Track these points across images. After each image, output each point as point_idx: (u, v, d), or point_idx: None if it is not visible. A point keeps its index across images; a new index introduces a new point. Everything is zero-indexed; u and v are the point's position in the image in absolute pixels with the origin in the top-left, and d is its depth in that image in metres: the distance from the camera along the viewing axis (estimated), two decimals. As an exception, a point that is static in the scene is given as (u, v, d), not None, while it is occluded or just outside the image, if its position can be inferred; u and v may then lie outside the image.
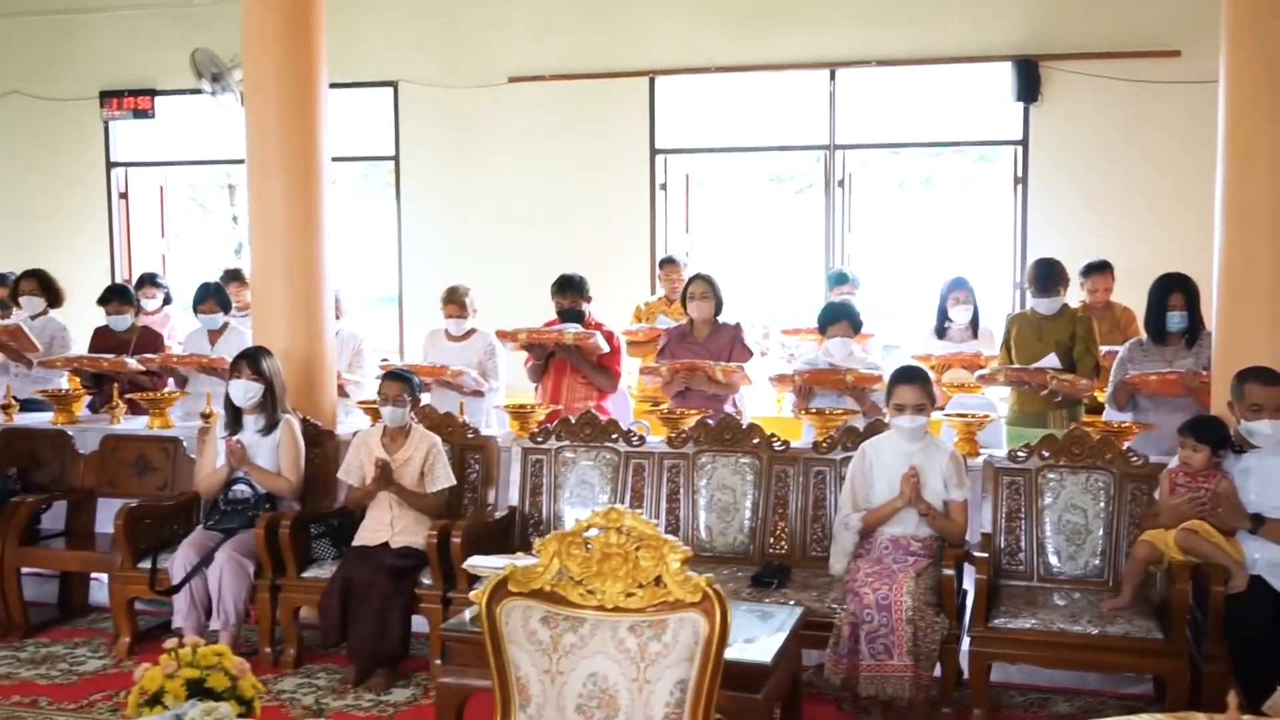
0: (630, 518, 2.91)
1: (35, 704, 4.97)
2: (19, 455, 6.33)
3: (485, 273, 8.52)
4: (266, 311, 6.17)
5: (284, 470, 5.57)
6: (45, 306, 7.48)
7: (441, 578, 5.17)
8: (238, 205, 11.52)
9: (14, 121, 10.05)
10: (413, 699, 5.01)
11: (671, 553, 2.88)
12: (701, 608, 2.83)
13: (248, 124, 6.18)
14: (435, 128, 9.47)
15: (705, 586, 2.84)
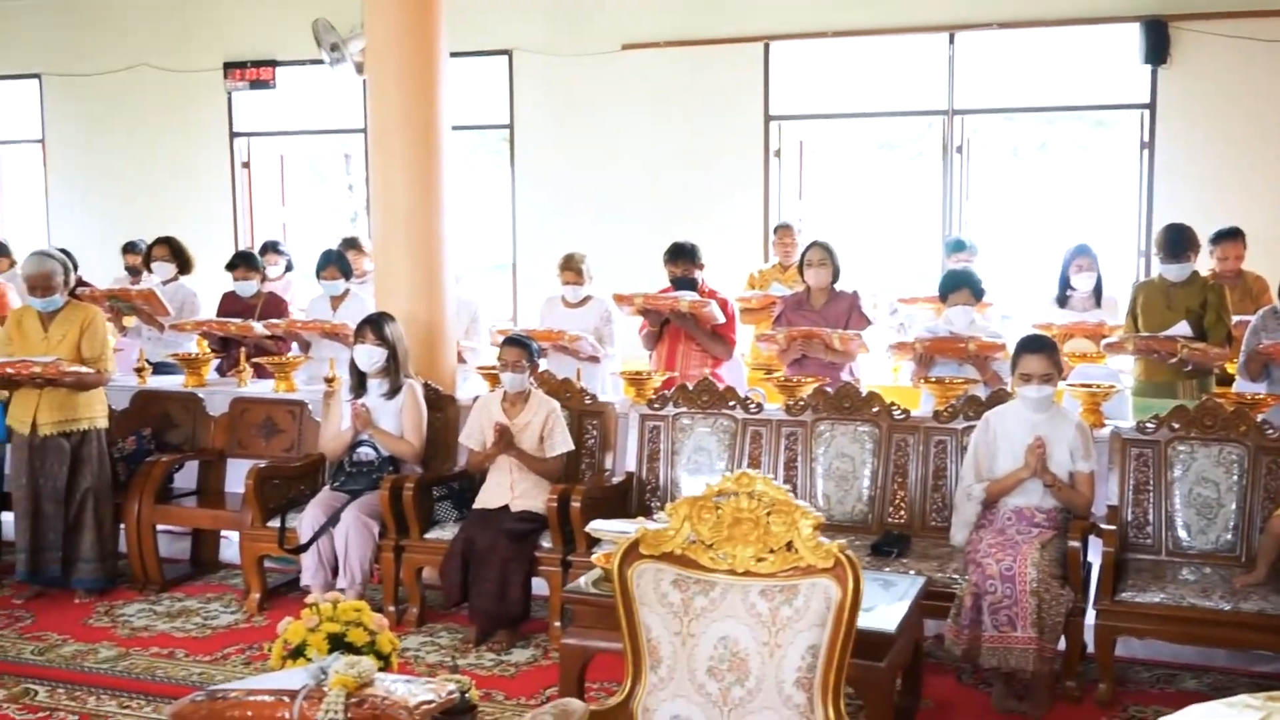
0: (762, 482, 2.92)
1: (172, 655, 5.16)
2: (153, 416, 6.55)
3: (599, 240, 8.56)
4: (388, 278, 6.29)
5: (407, 434, 5.67)
6: (176, 272, 7.72)
7: (561, 541, 5.24)
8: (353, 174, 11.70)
9: (142, 93, 10.33)
10: (533, 659, 5.09)
11: (803, 518, 2.88)
12: (834, 573, 2.84)
13: (370, 93, 6.28)
14: (549, 95, 9.52)
15: (838, 552, 2.84)
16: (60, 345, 5.76)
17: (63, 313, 5.86)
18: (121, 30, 10.35)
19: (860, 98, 9.36)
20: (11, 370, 5.61)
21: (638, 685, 2.95)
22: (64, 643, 5.30)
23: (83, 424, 5.84)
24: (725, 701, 2.86)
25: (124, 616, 5.65)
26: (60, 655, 5.15)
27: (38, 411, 5.74)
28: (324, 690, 2.69)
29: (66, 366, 5.64)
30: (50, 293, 5.81)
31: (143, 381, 6.83)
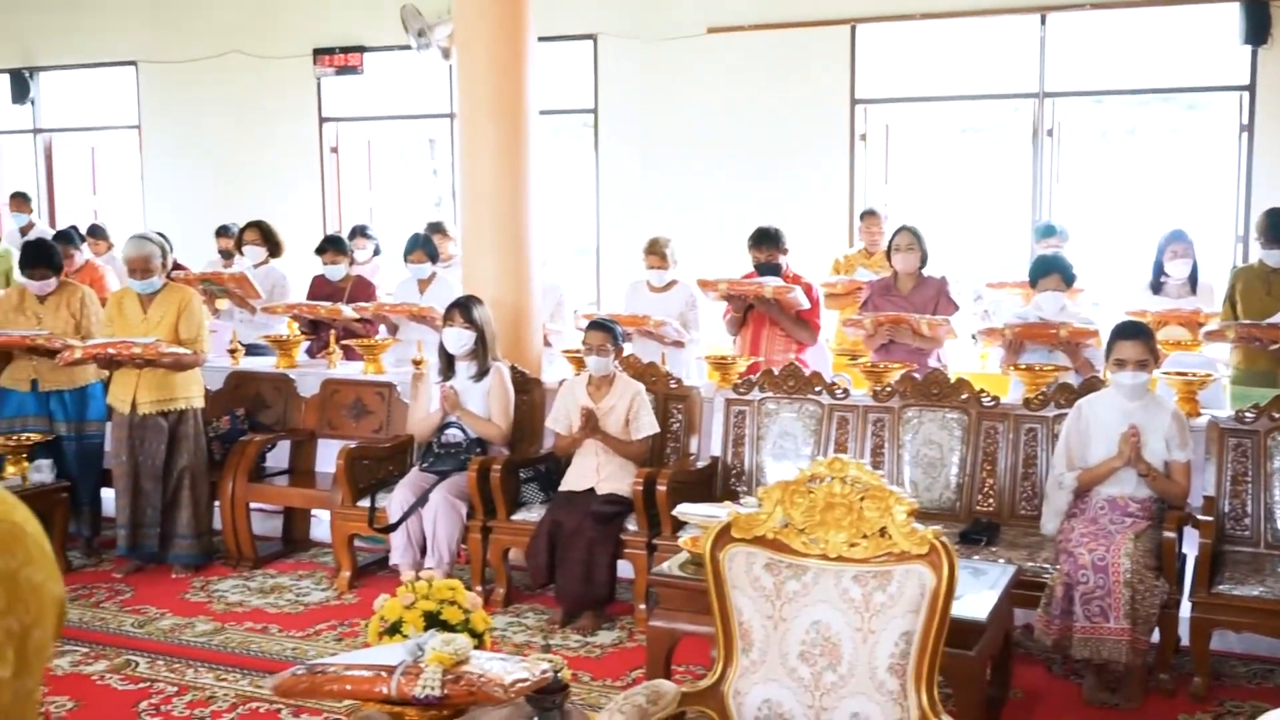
0: (855, 468, 2.91)
1: (266, 630, 5.28)
2: (246, 397, 6.69)
3: (682, 225, 8.55)
4: (475, 261, 6.34)
5: (494, 416, 5.73)
6: (266, 256, 7.86)
7: (646, 524, 5.26)
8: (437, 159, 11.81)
9: (234, 80, 10.51)
10: (618, 641, 5.12)
11: (897, 504, 2.87)
12: (928, 560, 2.82)
13: (459, 77, 6.33)
14: (633, 80, 9.52)
15: (933, 538, 2.82)
16: (159, 326, 5.90)
17: (161, 294, 5.99)
18: (214, 18, 10.54)
19: (948, 81, 9.24)
20: (113, 350, 5.75)
21: (729, 668, 2.96)
22: (162, 616, 5.44)
23: (180, 403, 5.97)
24: (817, 686, 2.86)
25: (219, 592, 5.78)
26: (159, 628, 5.29)
27: (137, 391, 5.89)
28: (421, 666, 2.73)
29: (165, 347, 5.78)
30: (149, 275, 5.95)
31: (235, 363, 6.97)
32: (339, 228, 10.00)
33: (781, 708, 2.89)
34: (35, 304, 6.28)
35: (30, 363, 6.21)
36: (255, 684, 4.66)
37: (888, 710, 2.80)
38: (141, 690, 4.61)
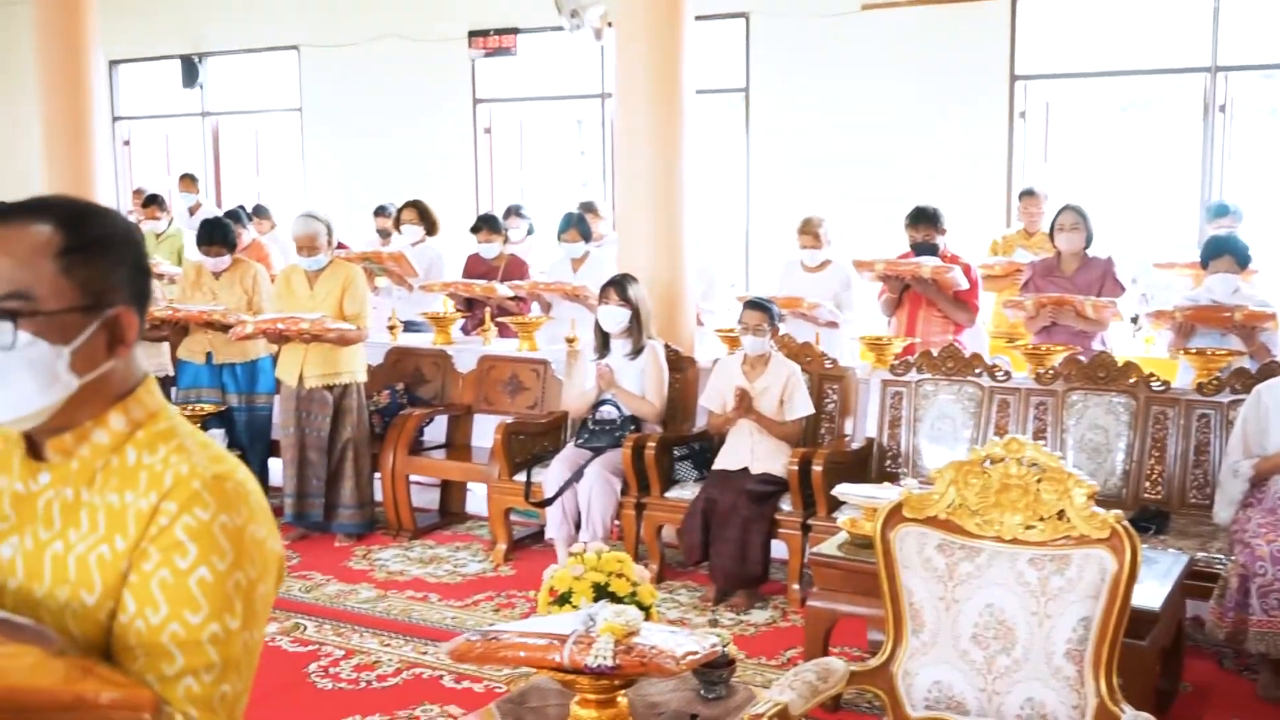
0: (1033, 449, 2.85)
1: (426, 599, 5.41)
2: (405, 372, 6.86)
3: (836, 204, 8.44)
4: (630, 240, 6.39)
5: (649, 394, 5.77)
6: (424, 235, 8.03)
7: (801, 504, 5.24)
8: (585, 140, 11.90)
9: (391, 63, 10.75)
10: (771, 621, 5.12)
11: (1077, 486, 2.80)
12: (1109, 544, 2.75)
13: (616, 56, 6.37)
14: (786, 58, 9.44)
15: (1114, 523, 2.75)
16: (325, 302, 6.09)
17: (327, 271, 6.18)
18: (373, 3, 10.78)
19: (1111, 55, 8.93)
20: (282, 326, 5.96)
21: (898, 648, 2.94)
22: (327, 582, 5.63)
23: (344, 377, 6.15)
24: (990, 669, 2.82)
25: (380, 561, 5.95)
26: (325, 594, 5.47)
27: (304, 365, 6.08)
28: (593, 636, 2.77)
29: (331, 323, 5.96)
30: (315, 252, 6.13)
31: (394, 339, 7.15)
32: (492, 207, 10.17)
33: (952, 690, 2.85)
34: (211, 280, 6.54)
35: (206, 336, 6.47)
36: (418, 650, 4.79)
37: (1064, 696, 2.74)
38: (310, 653, 4.78)
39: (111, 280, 1.45)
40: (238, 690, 1.40)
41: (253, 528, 1.43)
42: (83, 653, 1.33)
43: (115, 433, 1.46)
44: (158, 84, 12.13)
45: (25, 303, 1.39)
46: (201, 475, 1.42)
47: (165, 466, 1.42)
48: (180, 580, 1.37)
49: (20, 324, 1.39)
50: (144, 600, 1.37)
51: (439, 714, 4.22)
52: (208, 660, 1.37)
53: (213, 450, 1.48)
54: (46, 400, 1.42)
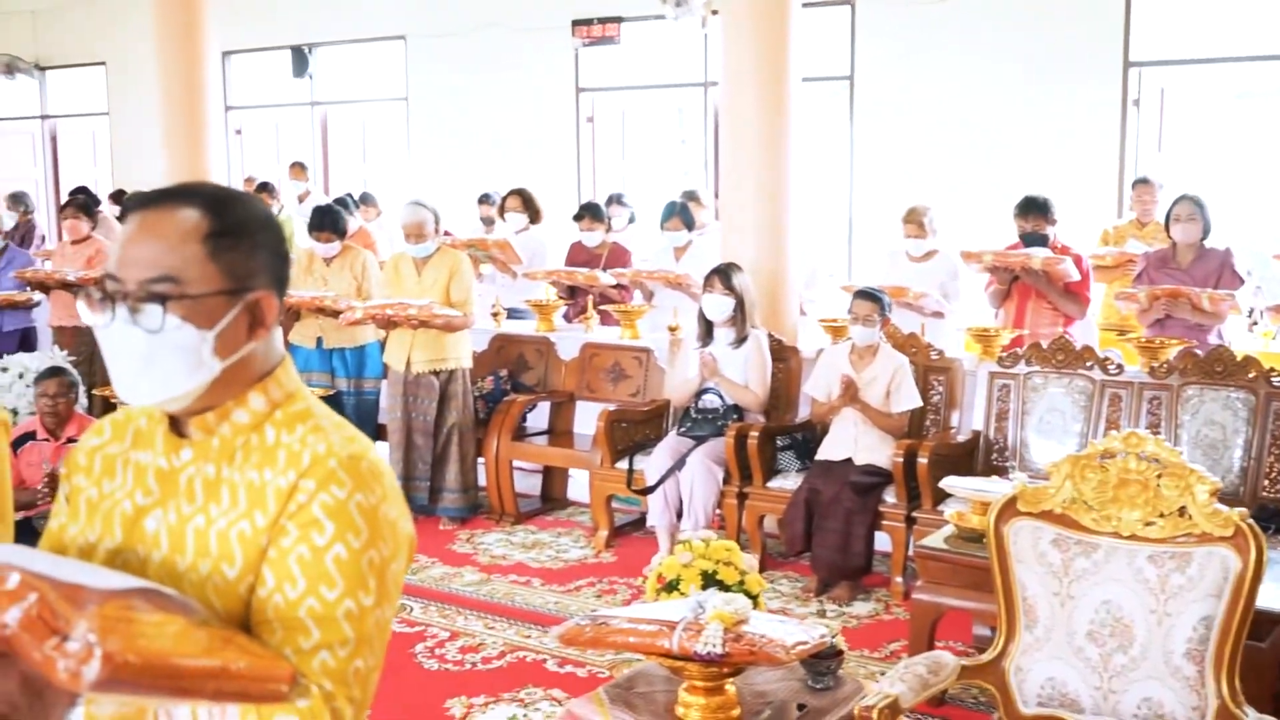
0: (1154, 444, 2.79)
1: (529, 584, 5.47)
2: (509, 359, 6.93)
3: (941, 193, 8.33)
4: (734, 229, 6.37)
5: (752, 383, 5.75)
6: (527, 222, 8.10)
7: (906, 496, 5.19)
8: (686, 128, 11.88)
9: (496, 53, 10.84)
10: (874, 613, 5.08)
11: (1199, 483, 2.74)
12: (1233, 543, 2.69)
13: (723, 44, 6.35)
14: (891, 45, 9.33)
15: (1239, 520, 2.69)
16: (432, 289, 6.18)
17: (434, 258, 6.26)
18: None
19: (1228, 42, 8.66)
20: (390, 312, 6.05)
21: (1010, 644, 2.90)
22: (432, 564, 5.72)
23: (450, 363, 6.24)
24: (1106, 667, 2.77)
25: (484, 544, 6.03)
26: (430, 576, 5.56)
27: (412, 350, 6.18)
28: (702, 624, 2.78)
29: (438, 309, 6.04)
30: (423, 239, 6.22)
31: (498, 325, 7.22)
32: (593, 196, 10.21)
33: (1066, 687, 2.81)
34: (322, 266, 6.67)
35: (316, 321, 6.61)
36: (521, 634, 4.85)
37: (1183, 697, 2.68)
38: (417, 634, 4.86)
39: (253, 264, 1.49)
40: (370, 665, 1.44)
41: (385, 507, 1.46)
42: (224, 624, 1.38)
43: (255, 412, 1.50)
44: (268, 74, 12.39)
45: (173, 286, 1.43)
46: (338, 455, 1.45)
47: (303, 446, 1.46)
48: (317, 557, 1.40)
49: (168, 307, 1.43)
50: (282, 575, 1.41)
51: (542, 697, 4.27)
52: (343, 635, 1.40)
53: (347, 431, 1.51)
54: (192, 382, 1.46)
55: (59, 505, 1.60)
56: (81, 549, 1.50)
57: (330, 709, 1.38)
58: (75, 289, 7.37)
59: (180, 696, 1.26)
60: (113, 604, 1.25)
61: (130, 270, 1.44)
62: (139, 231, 1.46)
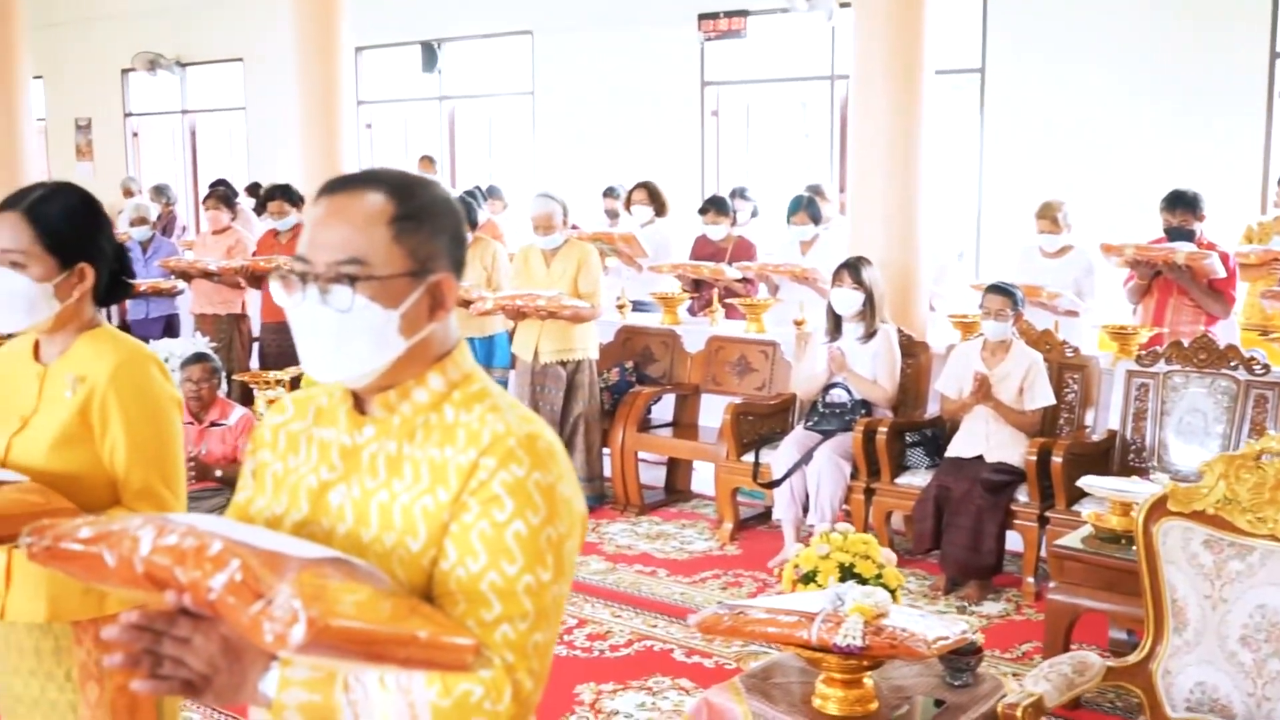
0: (1314, 445, 2.70)
1: (655, 574, 5.51)
2: (634, 351, 6.97)
3: (1075, 187, 8.14)
4: (863, 223, 6.33)
5: (881, 378, 5.70)
6: (653, 216, 8.14)
7: (1039, 495, 5.09)
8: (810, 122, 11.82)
9: (621, 47, 10.89)
10: (1004, 613, 5.01)
11: (1364, 486, 2.64)
12: (1401, 549, 2.58)
13: (855, 37, 6.30)
14: (1024, 35, 9.14)
15: (1407, 526, 2.58)
16: (560, 280, 6.25)
17: (562, 250, 6.33)
18: (604, -13, 10.97)
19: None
20: (520, 302, 6.14)
21: (1158, 646, 2.84)
22: (559, 553, 5.77)
23: (578, 354, 6.30)
24: (1260, 674, 2.69)
25: (609, 534, 6.08)
26: (557, 564, 5.61)
27: (540, 341, 6.26)
28: (841, 616, 2.77)
29: (566, 300, 6.11)
30: (551, 231, 6.29)
31: (623, 317, 7.27)
32: (717, 189, 10.20)
33: (1217, 692, 2.74)
34: (452, 257, 6.78)
35: (448, 311, 6.71)
36: (648, 623, 4.88)
37: (1343, 707, 2.60)
38: (545, 619, 4.92)
39: (435, 248, 1.54)
40: (548, 639, 1.47)
41: (561, 485, 1.50)
42: (408, 594, 1.42)
43: (434, 392, 1.55)
44: (398, 70, 12.63)
45: (361, 268, 1.49)
46: (516, 434, 1.49)
47: (481, 424, 1.50)
48: (498, 532, 1.44)
49: (357, 288, 1.49)
50: (464, 549, 1.45)
51: (670, 686, 4.30)
52: (523, 609, 1.44)
53: (521, 411, 1.55)
54: (378, 361, 1.52)
55: (244, 480, 1.67)
56: (268, 521, 1.57)
57: (512, 680, 1.41)
58: (215, 277, 7.63)
59: (373, 662, 1.31)
60: (310, 571, 1.30)
61: (320, 253, 1.50)
62: (327, 215, 1.51)
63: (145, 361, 2.27)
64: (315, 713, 1.41)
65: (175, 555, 1.33)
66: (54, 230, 2.21)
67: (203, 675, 1.39)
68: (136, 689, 1.38)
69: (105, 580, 1.43)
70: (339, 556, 1.38)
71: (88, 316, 2.30)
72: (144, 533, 1.37)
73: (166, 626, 1.38)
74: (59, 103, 14.90)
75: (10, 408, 2.28)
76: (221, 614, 1.31)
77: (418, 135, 12.89)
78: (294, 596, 1.25)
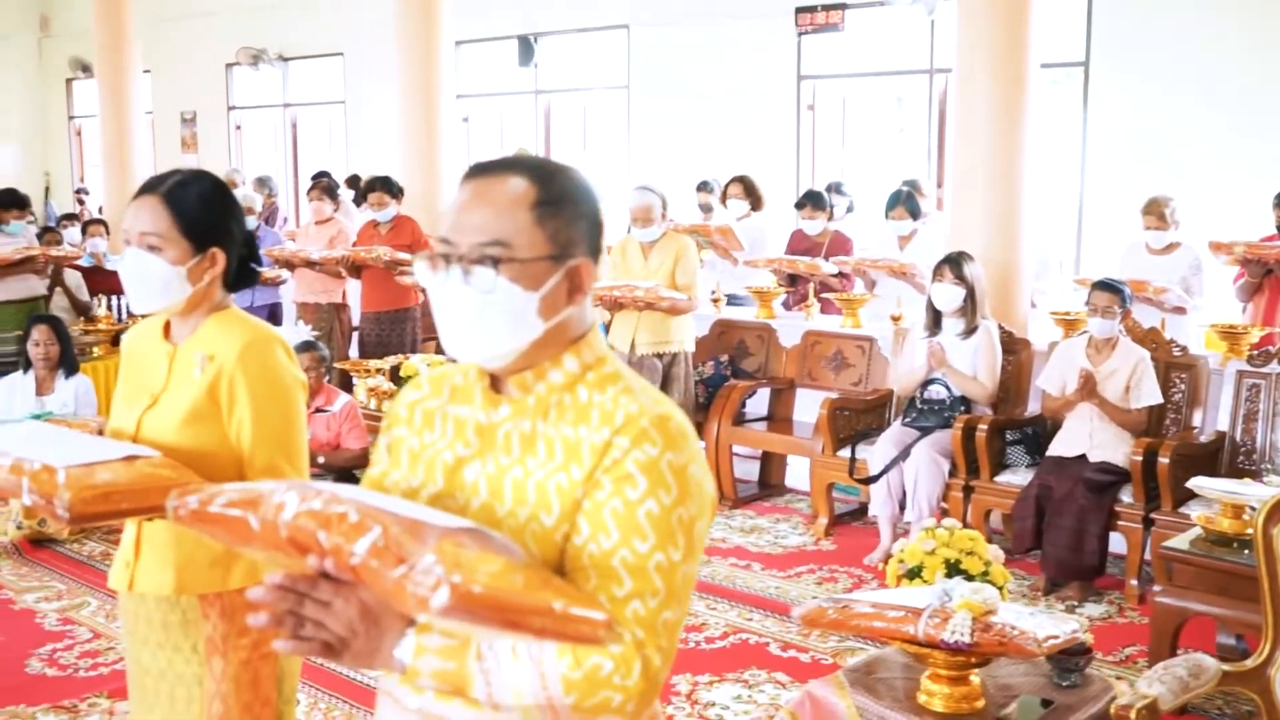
0: None
1: (749, 567, 5.51)
2: (729, 344, 6.97)
3: (1181, 183, 7.94)
4: (964, 217, 6.26)
5: (981, 375, 5.63)
6: (749, 209, 8.13)
7: (1144, 497, 5.00)
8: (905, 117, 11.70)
9: (718, 41, 10.86)
10: (1107, 615, 4.92)
11: None
12: None
13: (958, 30, 6.23)
14: (1131, 29, 8.94)
15: None
16: (658, 272, 6.26)
17: (660, 242, 6.35)
18: (699, -19, 10.95)
19: None
20: (617, 293, 6.17)
21: (1277, 651, 2.77)
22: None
23: (674, 346, 6.31)
24: (1385, 681, 2.62)
25: (703, 527, 6.08)
26: (652, 555, 5.63)
27: (636, 332, 6.28)
28: (949, 611, 2.75)
29: (664, 292, 6.12)
30: (649, 224, 6.31)
31: (718, 311, 7.27)
32: (812, 183, 10.15)
33: (1339, 700, 2.67)
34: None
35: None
36: (743, 616, 4.89)
37: None
38: (641, 609, 4.94)
39: (575, 232, 1.57)
40: (677, 618, 1.49)
41: (693, 466, 1.52)
42: (540, 567, 1.45)
43: (568, 373, 1.58)
44: (494, 63, 12.74)
45: (504, 250, 1.52)
46: (649, 414, 1.51)
47: (615, 405, 1.53)
48: (630, 510, 1.46)
49: (499, 270, 1.52)
50: (597, 526, 1.47)
51: (766, 679, 4.29)
52: (653, 587, 1.46)
53: (653, 393, 1.57)
54: (517, 342, 1.55)
55: (378, 454, 1.71)
56: (404, 494, 1.60)
57: (641, 656, 1.43)
58: (317, 267, 7.77)
59: (509, 629, 1.33)
60: (449, 540, 1.33)
61: (463, 235, 1.53)
62: (472, 199, 1.55)
63: (272, 343, 2.33)
64: (448, 679, 1.44)
65: (319, 520, 1.37)
66: (190, 215, 2.28)
67: (341, 638, 1.42)
68: (278, 648, 1.43)
69: (249, 543, 1.48)
70: (475, 527, 1.41)
71: (217, 299, 2.36)
72: (288, 498, 1.42)
73: (309, 589, 1.42)
74: (166, 96, 15.28)
75: (141, 386, 2.35)
76: (363, 578, 1.35)
77: (513, 129, 12.99)
78: (437, 563, 1.28)
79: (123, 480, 2.04)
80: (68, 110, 17.40)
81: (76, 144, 17.41)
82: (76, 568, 5.51)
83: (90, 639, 4.68)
